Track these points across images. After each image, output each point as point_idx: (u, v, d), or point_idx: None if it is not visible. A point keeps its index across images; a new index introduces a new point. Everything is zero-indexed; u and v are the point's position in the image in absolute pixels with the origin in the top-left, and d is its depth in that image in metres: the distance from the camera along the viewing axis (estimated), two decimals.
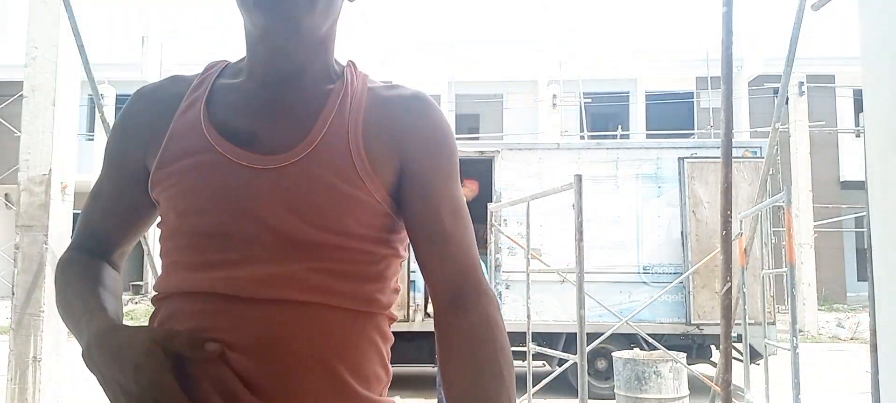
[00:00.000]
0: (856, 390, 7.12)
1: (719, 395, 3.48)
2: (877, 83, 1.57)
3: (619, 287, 7.08)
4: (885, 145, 1.55)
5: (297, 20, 0.89)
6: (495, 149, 7.44)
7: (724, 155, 3.33)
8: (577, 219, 3.91)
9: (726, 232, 3.34)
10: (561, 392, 6.67)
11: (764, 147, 7.12)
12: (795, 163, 13.05)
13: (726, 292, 3.33)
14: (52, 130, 4.77)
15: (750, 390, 5.38)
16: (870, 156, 1.64)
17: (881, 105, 1.55)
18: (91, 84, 5.09)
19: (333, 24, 1.00)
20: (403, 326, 7.04)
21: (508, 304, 7.07)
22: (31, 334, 4.62)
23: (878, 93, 1.56)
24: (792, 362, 4.25)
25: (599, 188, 7.18)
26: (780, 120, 5.24)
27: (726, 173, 3.32)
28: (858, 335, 12.04)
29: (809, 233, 12.78)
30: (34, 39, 4.84)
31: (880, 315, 1.56)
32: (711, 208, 7.00)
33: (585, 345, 3.95)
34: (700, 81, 17.25)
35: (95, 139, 14.03)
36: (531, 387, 5.02)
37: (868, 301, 3.71)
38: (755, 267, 6.63)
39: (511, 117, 18.18)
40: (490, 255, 6.17)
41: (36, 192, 4.72)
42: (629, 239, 7.16)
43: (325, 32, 0.97)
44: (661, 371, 5.44)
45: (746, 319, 5.57)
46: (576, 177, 3.98)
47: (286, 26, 0.89)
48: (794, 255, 4.39)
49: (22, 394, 4.59)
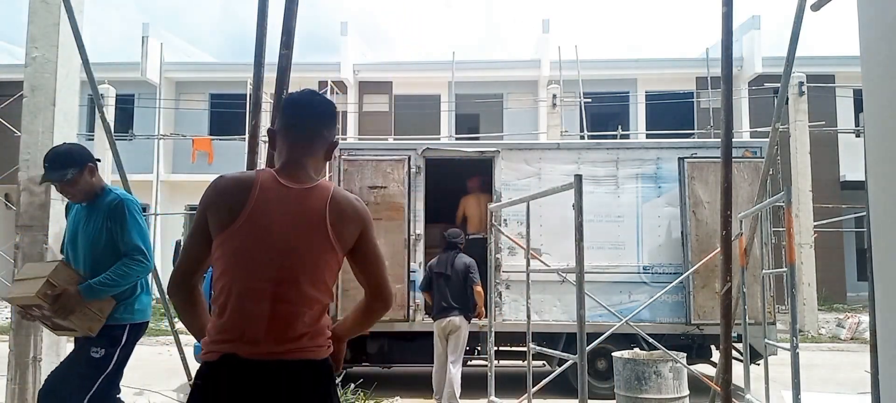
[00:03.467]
0: (856, 390, 7.12)
1: (719, 395, 3.48)
2: (876, 83, 1.57)
3: (619, 287, 7.08)
4: (885, 145, 1.55)
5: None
6: (495, 149, 7.44)
7: (724, 155, 3.33)
8: (577, 219, 3.90)
9: (726, 232, 3.34)
10: (561, 392, 6.67)
11: (764, 147, 7.11)
12: (795, 163, 13.05)
13: (726, 292, 3.33)
14: (52, 130, 4.77)
15: (750, 390, 5.38)
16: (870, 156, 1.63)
17: (881, 105, 1.55)
18: (91, 84, 5.08)
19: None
20: (403, 326, 7.04)
21: (508, 304, 7.07)
22: (31, 334, 4.62)
23: (878, 94, 1.56)
24: (792, 362, 4.25)
25: (599, 188, 7.18)
26: (780, 120, 5.24)
27: (726, 173, 3.32)
28: (858, 335, 12.04)
29: (809, 233, 12.77)
30: (34, 39, 4.83)
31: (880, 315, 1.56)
32: (711, 208, 7.00)
33: (585, 345, 3.95)
34: (700, 81, 17.26)
35: (95, 139, 14.02)
36: (531, 387, 5.02)
37: (868, 301, 3.71)
38: (755, 267, 6.62)
39: (511, 117, 18.18)
40: (490, 255, 6.16)
41: (36, 192, 4.72)
42: (629, 239, 7.16)
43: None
44: (661, 371, 5.44)
45: (746, 319, 5.56)
46: (576, 177, 3.98)
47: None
48: (794, 255, 4.39)
49: (22, 394, 4.59)
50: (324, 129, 2.06)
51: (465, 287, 6.26)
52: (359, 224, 1.97)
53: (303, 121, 2.04)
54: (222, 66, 18.69)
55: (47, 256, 4.71)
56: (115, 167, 5.07)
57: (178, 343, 5.16)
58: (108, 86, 14.45)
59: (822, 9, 3.97)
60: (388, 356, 7.30)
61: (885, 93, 1.53)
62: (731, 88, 3.41)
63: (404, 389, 7.21)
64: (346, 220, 1.94)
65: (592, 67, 16.96)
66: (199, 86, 18.42)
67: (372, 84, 18.63)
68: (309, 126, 2.03)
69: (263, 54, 3.45)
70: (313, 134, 2.03)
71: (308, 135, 2.02)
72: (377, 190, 7.20)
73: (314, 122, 2.04)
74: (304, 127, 2.03)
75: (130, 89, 17.56)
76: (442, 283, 6.27)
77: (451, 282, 6.24)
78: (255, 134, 3.49)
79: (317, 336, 1.87)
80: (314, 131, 2.03)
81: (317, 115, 2.06)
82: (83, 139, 14.51)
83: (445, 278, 6.26)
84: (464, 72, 17.34)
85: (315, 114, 2.05)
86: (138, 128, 17.93)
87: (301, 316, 1.83)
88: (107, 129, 5.27)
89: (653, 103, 17.95)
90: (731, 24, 3.34)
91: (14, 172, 5.17)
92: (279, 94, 3.27)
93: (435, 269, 6.35)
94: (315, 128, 2.03)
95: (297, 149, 2.00)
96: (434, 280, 6.34)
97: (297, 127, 2.03)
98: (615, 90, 17.93)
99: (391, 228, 7.07)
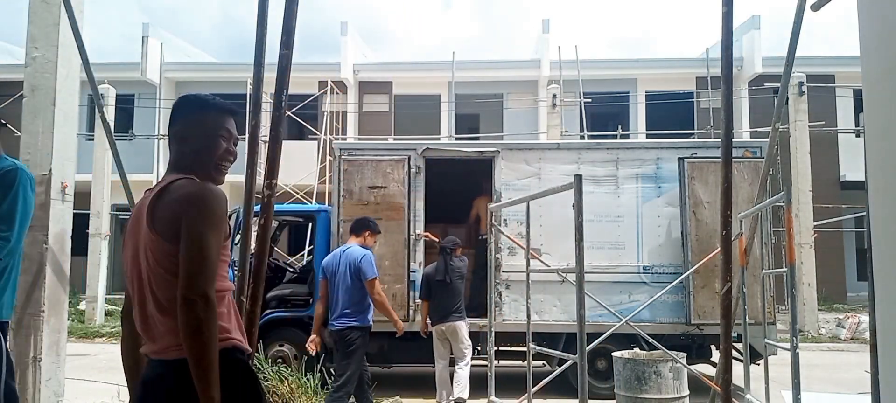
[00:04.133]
0: (856, 390, 7.12)
1: (719, 395, 3.48)
2: (876, 83, 1.57)
3: (619, 287, 7.08)
4: (885, 145, 1.55)
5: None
6: (495, 149, 7.43)
7: (724, 155, 3.33)
8: (577, 219, 3.90)
9: (726, 232, 3.34)
10: (561, 392, 6.67)
11: (764, 147, 7.11)
12: (795, 163, 13.05)
13: (726, 292, 3.33)
14: (52, 130, 4.77)
15: (750, 390, 5.38)
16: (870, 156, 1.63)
17: (881, 105, 1.55)
18: (91, 84, 5.09)
19: None
20: (404, 326, 7.03)
21: (508, 304, 7.07)
22: (31, 334, 4.62)
23: (878, 94, 1.56)
24: (792, 362, 4.25)
25: (599, 188, 7.18)
26: (780, 120, 5.24)
27: (726, 173, 3.32)
28: (858, 335, 12.04)
29: (809, 233, 12.77)
30: (34, 39, 4.84)
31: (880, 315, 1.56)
32: (711, 208, 6.99)
33: (585, 345, 3.95)
34: (700, 81, 17.26)
35: (95, 139, 14.01)
36: (531, 387, 5.02)
37: (868, 301, 3.71)
38: (755, 267, 6.62)
39: (511, 117, 18.18)
40: (490, 255, 6.16)
41: (36, 192, 4.72)
42: (629, 239, 7.15)
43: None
44: (661, 371, 5.44)
45: (746, 319, 5.56)
46: (576, 177, 3.97)
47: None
48: (794, 255, 4.39)
49: (22, 394, 4.59)
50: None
51: (462, 291, 6.42)
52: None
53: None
54: (222, 66, 18.70)
55: (47, 256, 4.71)
56: (115, 167, 5.07)
57: None
58: (108, 86, 14.44)
59: (822, 9, 3.97)
60: (388, 356, 7.30)
61: (885, 93, 1.52)
62: (731, 88, 3.41)
63: (404, 389, 7.20)
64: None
65: (592, 67, 16.96)
66: (199, 87, 18.41)
67: (372, 84, 18.63)
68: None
69: (263, 54, 3.45)
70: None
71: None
72: (377, 190, 7.20)
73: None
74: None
75: (130, 89, 17.56)
76: (441, 290, 6.39)
77: (449, 288, 6.36)
78: (255, 134, 3.49)
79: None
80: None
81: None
82: (83, 139, 14.51)
83: (445, 284, 6.37)
84: (464, 72, 17.33)
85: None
86: (138, 128, 17.93)
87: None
88: (107, 129, 5.27)
89: (653, 103, 17.95)
90: (731, 24, 3.34)
91: None
92: (279, 94, 3.27)
93: (434, 277, 6.45)
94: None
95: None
96: (433, 287, 6.44)
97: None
98: (615, 90, 17.93)
99: (391, 228, 7.07)
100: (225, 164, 2.09)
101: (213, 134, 2.06)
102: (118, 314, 14.67)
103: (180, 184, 1.95)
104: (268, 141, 3.18)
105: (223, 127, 2.08)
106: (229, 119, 2.12)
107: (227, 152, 2.08)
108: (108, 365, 8.69)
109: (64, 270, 4.88)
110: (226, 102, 2.15)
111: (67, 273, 4.96)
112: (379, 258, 7.02)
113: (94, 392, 6.73)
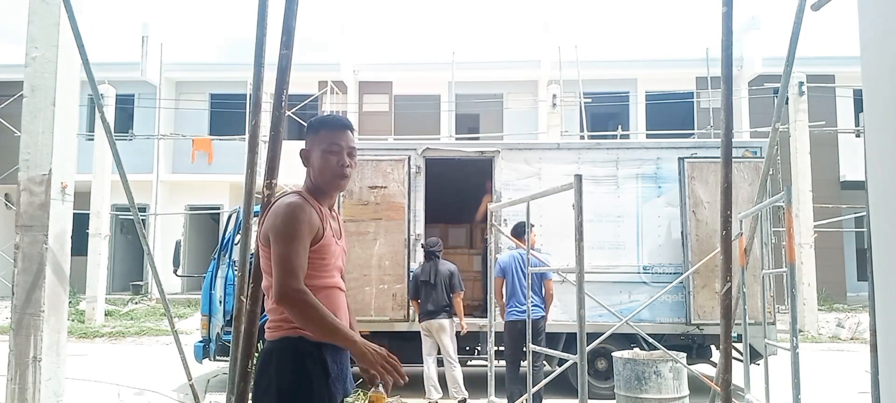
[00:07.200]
0: (856, 390, 7.12)
1: (719, 395, 3.48)
2: (876, 83, 1.57)
3: (619, 287, 7.08)
4: (885, 145, 1.54)
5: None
6: (495, 149, 7.43)
7: (724, 155, 3.33)
8: (577, 219, 3.90)
9: (726, 232, 3.34)
10: (561, 392, 6.67)
11: (764, 147, 7.11)
12: (795, 163, 13.05)
13: (726, 292, 3.32)
14: (52, 130, 4.77)
15: (750, 390, 5.38)
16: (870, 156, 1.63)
17: (881, 105, 1.55)
18: (91, 84, 5.08)
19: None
20: (403, 326, 7.04)
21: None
22: (31, 334, 4.62)
23: (878, 94, 1.56)
24: (792, 362, 4.25)
25: (599, 188, 7.18)
26: (780, 120, 5.23)
27: (726, 173, 3.31)
28: (858, 335, 12.04)
29: (809, 233, 12.77)
30: (34, 39, 4.83)
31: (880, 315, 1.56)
32: (711, 208, 7.00)
33: (585, 345, 3.95)
34: (700, 81, 17.26)
35: (95, 139, 14.02)
36: (531, 387, 5.02)
37: (868, 301, 3.71)
38: (755, 267, 6.62)
39: (511, 117, 18.18)
40: (490, 255, 6.16)
41: (36, 192, 4.72)
42: (629, 239, 7.16)
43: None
44: (661, 371, 5.44)
45: (746, 319, 5.56)
46: (576, 177, 3.97)
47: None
48: (794, 255, 4.39)
49: (22, 394, 4.59)
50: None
51: (448, 292, 6.54)
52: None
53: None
54: (222, 66, 18.68)
55: (47, 256, 4.71)
56: (115, 167, 5.07)
57: (178, 343, 5.16)
58: (108, 86, 14.44)
59: (821, 9, 3.96)
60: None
61: (885, 93, 1.52)
62: (731, 88, 3.40)
63: (404, 389, 7.20)
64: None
65: (592, 67, 16.95)
66: (199, 86, 18.42)
67: (372, 84, 18.63)
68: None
69: (263, 54, 3.45)
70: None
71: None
72: (377, 190, 7.20)
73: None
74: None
75: (130, 89, 17.56)
76: (427, 290, 6.53)
77: (435, 289, 6.50)
78: (255, 134, 3.49)
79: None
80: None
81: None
82: (83, 139, 14.51)
83: (430, 286, 6.52)
84: (464, 72, 17.33)
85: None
86: (138, 128, 17.93)
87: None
88: (107, 129, 5.27)
89: (653, 103, 17.95)
90: (731, 24, 3.34)
91: (14, 172, 5.17)
92: (279, 94, 3.26)
93: (420, 278, 6.61)
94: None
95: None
96: (420, 287, 6.59)
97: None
98: (615, 90, 17.93)
99: (391, 228, 7.08)
100: (341, 177, 2.30)
101: (322, 152, 2.29)
102: (118, 314, 14.69)
103: (276, 200, 2.27)
104: (268, 141, 3.18)
105: (334, 142, 2.30)
106: (339, 133, 2.32)
107: (338, 166, 2.29)
108: (109, 365, 8.69)
109: (64, 270, 4.88)
110: (338, 118, 2.40)
111: (67, 273, 4.96)
112: (379, 258, 7.03)
113: (94, 392, 6.73)
